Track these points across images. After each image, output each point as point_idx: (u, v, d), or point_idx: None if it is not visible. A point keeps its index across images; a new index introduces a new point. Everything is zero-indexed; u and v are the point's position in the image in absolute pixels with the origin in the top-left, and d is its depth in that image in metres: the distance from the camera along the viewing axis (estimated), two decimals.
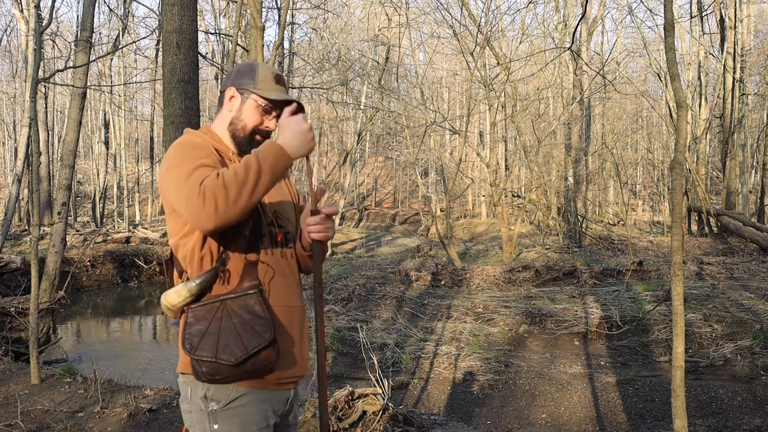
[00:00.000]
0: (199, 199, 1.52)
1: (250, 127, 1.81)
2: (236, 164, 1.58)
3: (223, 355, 1.62)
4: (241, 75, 1.83)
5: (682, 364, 3.00)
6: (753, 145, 22.60)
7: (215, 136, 1.83)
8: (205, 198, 1.52)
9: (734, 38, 16.48)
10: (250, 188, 1.55)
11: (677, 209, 3.11)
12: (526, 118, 16.19)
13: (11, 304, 7.19)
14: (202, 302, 1.68)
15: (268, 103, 1.81)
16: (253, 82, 1.81)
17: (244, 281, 1.70)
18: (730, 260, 10.82)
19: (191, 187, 1.54)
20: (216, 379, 1.65)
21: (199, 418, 1.71)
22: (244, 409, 1.70)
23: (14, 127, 25.79)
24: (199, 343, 1.63)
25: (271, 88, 1.82)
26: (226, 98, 1.84)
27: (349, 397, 3.99)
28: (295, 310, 1.82)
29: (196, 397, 1.70)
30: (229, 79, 1.86)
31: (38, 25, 9.24)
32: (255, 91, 1.80)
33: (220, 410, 1.68)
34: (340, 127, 29.25)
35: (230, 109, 1.83)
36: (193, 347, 1.64)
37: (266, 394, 1.75)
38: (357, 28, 24.51)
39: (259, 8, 5.65)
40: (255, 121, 1.82)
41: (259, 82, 1.81)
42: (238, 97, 1.82)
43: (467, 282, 10.05)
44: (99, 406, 4.60)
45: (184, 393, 1.75)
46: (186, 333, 1.66)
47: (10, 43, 26.57)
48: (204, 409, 1.69)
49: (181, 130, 4.14)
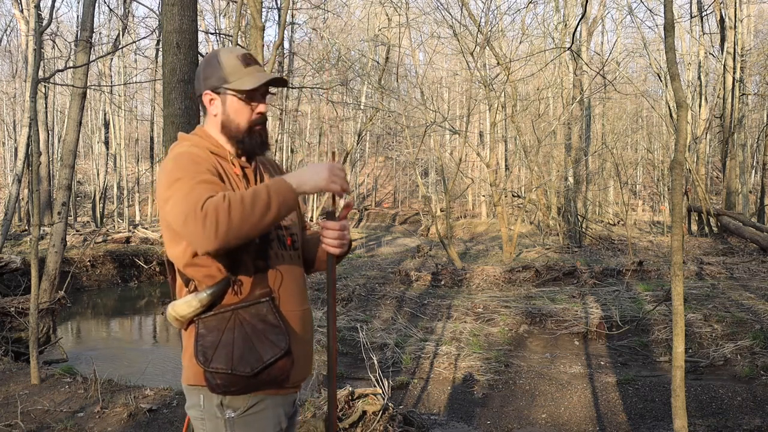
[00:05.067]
0: (199, 220, 1.45)
1: (244, 124, 1.73)
2: (245, 192, 1.50)
3: (239, 367, 1.59)
4: (208, 75, 1.73)
5: (682, 364, 3.00)
6: (753, 145, 22.59)
7: (212, 140, 1.75)
8: (205, 220, 1.45)
9: (734, 38, 16.47)
10: (255, 221, 1.49)
11: (677, 209, 3.10)
12: (526, 118, 16.20)
13: (11, 304, 7.19)
14: (212, 312, 1.63)
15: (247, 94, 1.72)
16: (222, 77, 1.71)
17: (255, 289, 1.66)
18: (730, 260, 10.82)
19: (191, 206, 1.48)
20: (231, 391, 1.62)
21: (214, 425, 1.67)
22: (260, 414, 1.68)
23: (14, 127, 25.78)
24: (214, 355, 1.59)
25: (243, 75, 1.71)
26: (206, 102, 1.75)
27: (349, 397, 3.99)
28: (304, 313, 1.80)
29: (211, 404, 1.66)
30: (200, 82, 1.76)
31: (38, 25, 9.24)
32: (229, 87, 1.71)
33: (238, 417, 1.65)
34: (340, 127, 29.25)
35: (215, 113, 1.75)
36: (207, 359, 1.60)
37: (281, 399, 1.74)
38: (357, 28, 24.51)
39: (259, 8, 5.65)
40: (245, 116, 1.73)
41: (228, 75, 1.71)
42: (216, 99, 1.74)
43: (467, 282, 10.05)
44: (99, 406, 4.60)
45: (195, 400, 1.70)
46: (198, 345, 1.62)
47: (10, 43, 26.56)
48: (220, 416, 1.66)
49: (181, 130, 4.14)
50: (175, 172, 1.57)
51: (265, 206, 1.50)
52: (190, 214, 1.47)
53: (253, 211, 1.48)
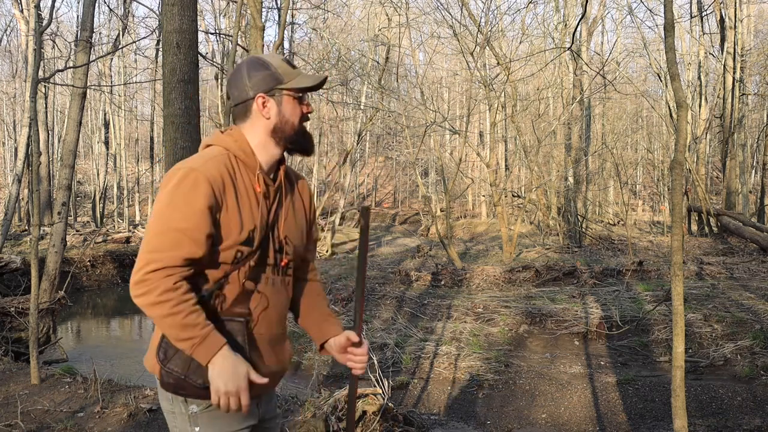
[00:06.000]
0: (141, 278, 1.53)
1: (298, 123, 1.73)
2: (185, 314, 1.54)
3: (193, 375, 1.61)
4: (259, 77, 1.70)
5: (682, 364, 3.00)
6: (753, 145, 22.59)
7: (245, 146, 1.70)
8: (145, 283, 1.52)
9: (734, 38, 16.47)
10: (163, 327, 1.56)
11: (677, 209, 3.11)
12: (526, 118, 16.20)
13: (11, 304, 7.19)
14: None
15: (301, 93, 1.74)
16: (277, 79, 1.71)
17: (235, 307, 1.67)
18: (730, 260, 10.82)
19: (148, 253, 1.54)
20: (180, 393, 1.64)
21: (181, 420, 1.69)
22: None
23: (14, 127, 25.77)
24: (174, 356, 1.62)
25: (295, 75, 1.73)
26: (257, 107, 1.70)
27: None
28: (278, 337, 1.80)
29: (177, 399, 1.67)
30: (246, 86, 1.70)
31: (38, 25, 9.25)
32: (286, 87, 1.71)
33: (201, 412, 1.67)
34: (340, 127, 29.25)
35: (267, 116, 1.70)
36: (166, 358, 1.63)
37: None
38: (357, 28, 24.50)
39: (259, 8, 5.65)
40: (299, 114, 1.73)
41: (283, 76, 1.71)
42: (270, 101, 1.70)
43: (467, 282, 10.05)
44: (99, 406, 4.60)
45: (165, 393, 1.70)
46: (163, 341, 1.64)
47: (10, 43, 26.56)
48: (185, 411, 1.67)
49: (181, 130, 4.15)
50: (174, 192, 1.58)
51: (176, 338, 1.56)
52: (140, 264, 1.54)
53: (168, 328, 1.55)
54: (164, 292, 1.52)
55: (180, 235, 1.54)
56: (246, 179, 1.68)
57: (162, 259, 1.53)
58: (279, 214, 1.75)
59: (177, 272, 1.55)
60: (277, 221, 1.74)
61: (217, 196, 1.59)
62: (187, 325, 1.54)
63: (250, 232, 1.65)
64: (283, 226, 1.75)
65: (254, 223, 1.66)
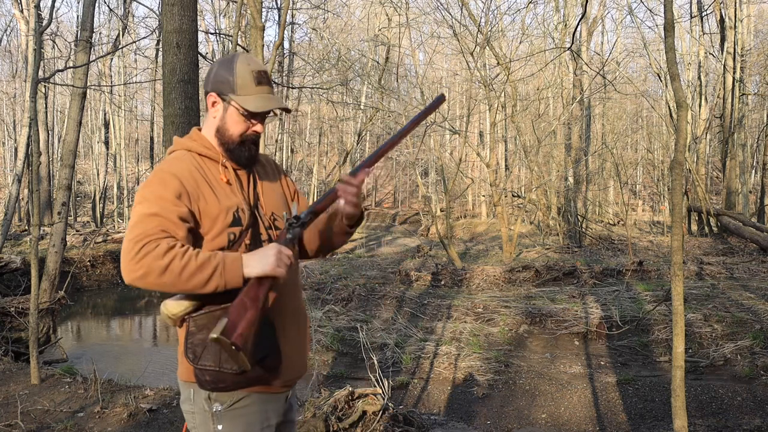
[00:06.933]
0: (133, 258, 1.52)
1: (237, 137, 1.75)
2: (191, 260, 1.54)
3: (226, 364, 1.60)
4: (220, 77, 1.74)
5: (682, 364, 3.00)
6: (753, 145, 22.58)
7: (205, 142, 1.78)
8: (138, 263, 1.52)
9: (734, 38, 16.47)
10: (186, 288, 1.55)
11: (677, 209, 3.11)
12: (526, 118, 16.18)
13: (11, 304, 7.19)
14: (203, 311, 1.65)
15: (249, 112, 1.73)
16: (232, 87, 1.72)
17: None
18: (730, 260, 10.82)
19: (131, 241, 1.54)
20: (220, 387, 1.64)
21: (202, 419, 1.72)
22: (247, 409, 1.71)
23: (14, 127, 25.77)
24: (202, 353, 1.62)
25: (251, 92, 1.72)
26: (209, 103, 1.78)
27: (349, 397, 3.99)
28: (297, 311, 1.82)
29: (200, 398, 1.70)
30: (209, 80, 1.77)
31: (38, 25, 9.24)
32: (234, 99, 1.72)
33: (225, 411, 1.69)
34: (340, 127, 29.24)
35: (214, 115, 1.77)
36: (196, 357, 1.63)
37: (269, 396, 1.75)
38: (357, 28, 24.51)
39: (259, 8, 5.65)
40: (240, 130, 1.75)
41: (238, 88, 1.72)
42: (220, 104, 1.75)
43: (467, 282, 10.05)
44: (99, 406, 4.60)
45: (186, 395, 1.75)
46: (188, 343, 1.64)
47: (10, 43, 26.57)
48: (208, 410, 1.70)
49: (182, 130, 4.14)
50: (144, 191, 1.65)
51: (203, 281, 1.55)
52: (127, 248, 1.54)
53: (188, 281, 1.54)
54: (165, 252, 1.53)
55: (153, 217, 1.59)
56: (215, 171, 1.75)
57: (144, 237, 1.55)
58: (258, 193, 1.82)
59: (162, 236, 1.57)
60: (258, 199, 1.81)
61: (187, 188, 1.66)
62: (202, 264, 1.55)
63: (235, 213, 1.71)
64: (265, 203, 1.81)
65: (237, 204, 1.72)
